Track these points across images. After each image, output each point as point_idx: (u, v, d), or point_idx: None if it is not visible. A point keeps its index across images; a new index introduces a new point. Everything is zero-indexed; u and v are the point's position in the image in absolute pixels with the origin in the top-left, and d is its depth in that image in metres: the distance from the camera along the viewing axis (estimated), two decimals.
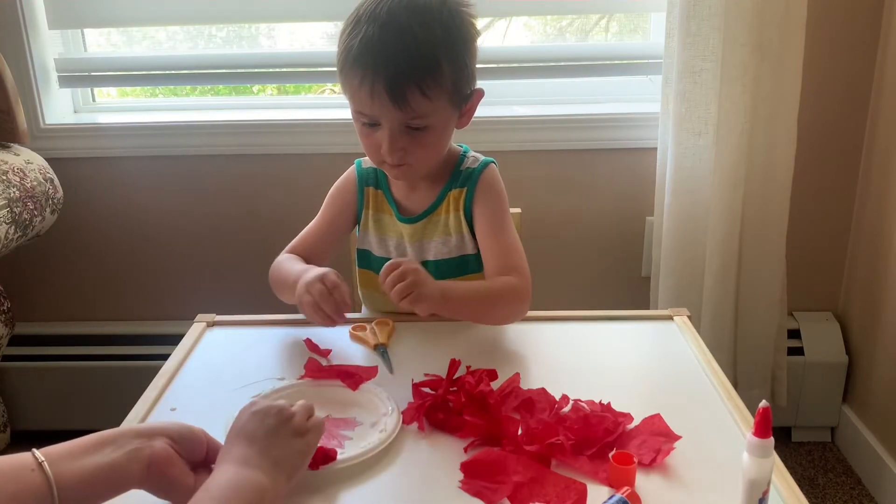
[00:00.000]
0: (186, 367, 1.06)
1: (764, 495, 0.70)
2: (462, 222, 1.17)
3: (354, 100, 1.06)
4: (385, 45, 1.00)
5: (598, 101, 1.91)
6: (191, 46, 2.00)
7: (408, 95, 1.01)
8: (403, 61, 1.01)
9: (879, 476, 1.76)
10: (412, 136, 1.06)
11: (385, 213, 1.21)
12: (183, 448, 0.74)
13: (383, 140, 1.06)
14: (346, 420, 0.91)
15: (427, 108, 1.04)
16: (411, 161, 1.09)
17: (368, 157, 1.15)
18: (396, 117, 1.04)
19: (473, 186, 1.16)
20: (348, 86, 1.06)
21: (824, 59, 1.74)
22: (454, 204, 1.17)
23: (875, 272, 1.78)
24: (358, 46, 1.02)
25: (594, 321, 1.18)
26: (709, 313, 1.75)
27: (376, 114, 1.05)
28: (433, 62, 1.02)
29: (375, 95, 1.02)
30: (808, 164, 1.78)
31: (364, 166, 1.23)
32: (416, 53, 1.01)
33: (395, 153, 1.07)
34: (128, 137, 1.86)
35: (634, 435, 0.87)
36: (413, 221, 1.19)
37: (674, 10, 1.63)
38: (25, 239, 1.58)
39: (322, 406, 0.94)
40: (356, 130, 1.12)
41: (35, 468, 0.66)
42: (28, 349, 1.94)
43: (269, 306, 1.23)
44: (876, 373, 1.80)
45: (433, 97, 1.03)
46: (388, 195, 1.21)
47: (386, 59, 1.00)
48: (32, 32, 1.79)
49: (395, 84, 1.01)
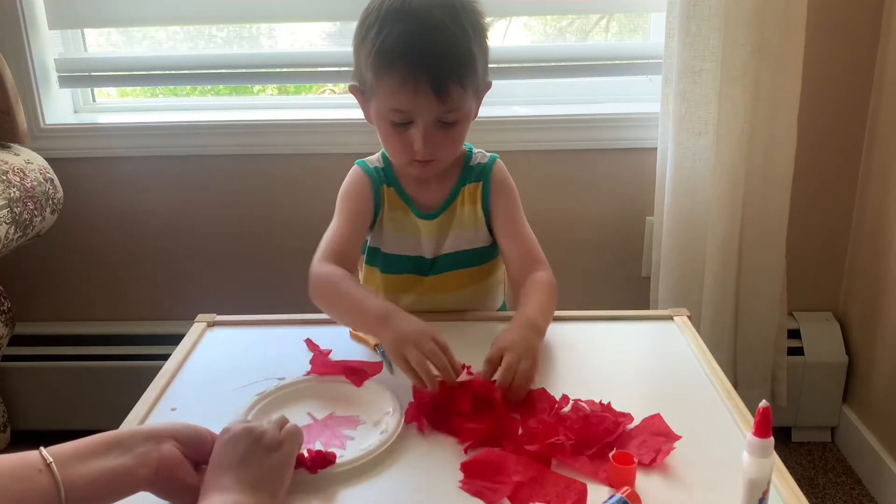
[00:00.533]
0: (187, 367, 1.07)
1: (764, 495, 0.70)
2: (479, 216, 1.20)
3: (394, 98, 1.06)
4: (426, 42, 1.03)
5: (598, 101, 1.91)
6: (191, 46, 2.00)
7: (450, 89, 1.04)
8: (445, 56, 1.03)
9: (879, 476, 1.76)
10: (444, 131, 1.09)
11: (400, 210, 1.21)
12: (189, 449, 0.75)
13: (416, 137, 1.07)
14: (349, 418, 0.91)
15: (463, 99, 1.07)
16: (441, 156, 1.12)
17: (393, 156, 1.16)
18: (435, 112, 1.06)
19: (488, 181, 1.20)
20: (386, 84, 1.05)
21: (824, 59, 1.74)
22: (470, 198, 1.20)
23: (875, 272, 1.78)
24: (397, 45, 1.03)
25: (594, 321, 1.18)
26: (709, 313, 1.75)
27: (416, 109, 1.06)
28: (469, 54, 1.06)
29: (420, 91, 1.03)
30: (808, 164, 1.78)
31: (371, 166, 1.22)
32: (455, 48, 1.04)
33: (429, 148, 1.08)
34: (128, 137, 1.86)
35: (634, 435, 0.87)
36: (432, 217, 1.20)
37: (674, 10, 1.64)
38: (25, 239, 1.58)
39: (326, 403, 0.95)
40: (380, 131, 1.12)
41: (43, 469, 0.66)
42: (28, 349, 1.94)
43: (270, 306, 1.23)
44: (876, 373, 1.80)
45: (468, 88, 1.07)
46: (401, 192, 1.21)
47: (429, 55, 1.03)
48: (32, 32, 1.79)
49: (439, 79, 1.03)
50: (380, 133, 1.13)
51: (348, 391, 0.96)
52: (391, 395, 0.93)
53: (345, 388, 0.97)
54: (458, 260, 1.20)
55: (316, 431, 0.90)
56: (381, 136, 1.13)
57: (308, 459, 0.81)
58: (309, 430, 0.89)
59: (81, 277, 1.97)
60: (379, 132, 1.13)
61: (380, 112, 1.09)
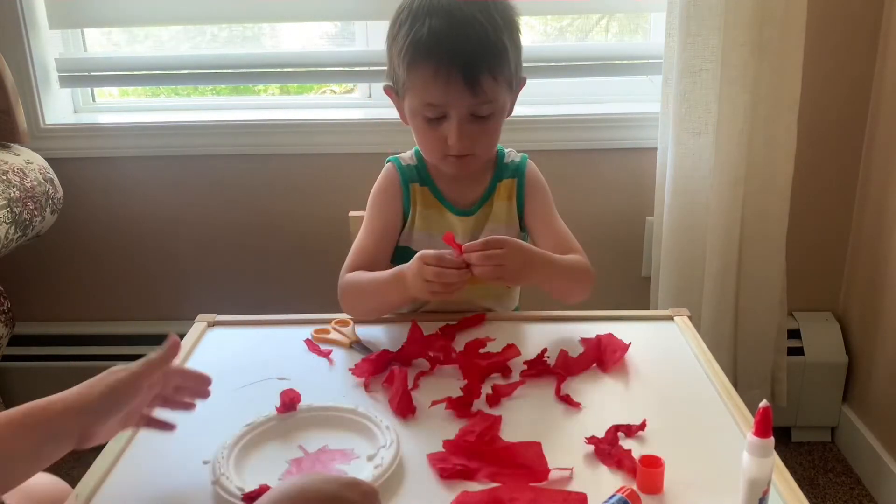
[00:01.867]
0: (187, 366, 1.06)
1: (764, 495, 0.70)
2: (514, 212, 1.22)
3: (426, 91, 1.07)
4: (456, 35, 1.04)
5: (598, 101, 1.91)
6: (192, 46, 2.00)
7: (481, 80, 1.05)
8: (476, 48, 1.05)
9: (879, 476, 1.76)
10: (478, 125, 1.10)
11: (433, 208, 1.21)
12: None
13: (450, 131, 1.08)
14: (343, 452, 0.87)
15: (495, 92, 1.08)
16: (476, 150, 1.13)
17: (428, 154, 1.17)
18: (467, 104, 1.07)
19: (523, 178, 1.23)
20: (418, 78, 1.07)
21: (824, 59, 1.74)
22: (507, 193, 1.22)
23: (875, 272, 1.78)
24: (427, 38, 1.04)
25: (594, 321, 1.18)
26: (709, 313, 1.75)
27: (448, 102, 1.07)
28: (501, 46, 1.07)
29: (451, 83, 1.04)
30: (808, 164, 1.78)
31: (403, 163, 1.23)
32: (485, 40, 1.05)
33: (463, 142, 1.09)
34: (128, 137, 1.86)
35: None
36: (470, 213, 1.21)
37: (674, 10, 1.64)
38: (25, 239, 1.58)
39: (320, 434, 0.89)
40: (414, 129, 1.14)
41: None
42: (28, 349, 1.94)
43: (270, 306, 1.23)
44: (876, 373, 1.80)
45: (501, 81, 1.08)
46: (435, 191, 1.21)
47: (460, 48, 1.04)
48: (32, 32, 1.79)
49: (470, 70, 1.04)
50: (414, 131, 1.14)
51: (343, 422, 0.91)
52: (388, 426, 0.88)
53: (339, 418, 0.91)
54: None
55: (307, 466, 0.84)
56: (416, 134, 1.14)
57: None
58: (300, 464, 0.84)
59: (81, 277, 1.97)
60: (413, 130, 1.14)
61: (413, 108, 1.10)
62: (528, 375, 1.01)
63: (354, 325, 1.15)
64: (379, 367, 1.02)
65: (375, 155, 1.36)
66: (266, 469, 0.83)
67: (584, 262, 1.20)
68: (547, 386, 0.99)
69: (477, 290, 1.22)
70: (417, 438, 0.88)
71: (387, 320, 1.19)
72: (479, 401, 0.95)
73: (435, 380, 1.01)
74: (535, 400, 0.97)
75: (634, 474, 0.80)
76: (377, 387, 0.99)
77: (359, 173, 1.41)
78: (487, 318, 1.17)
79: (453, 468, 0.82)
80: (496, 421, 0.89)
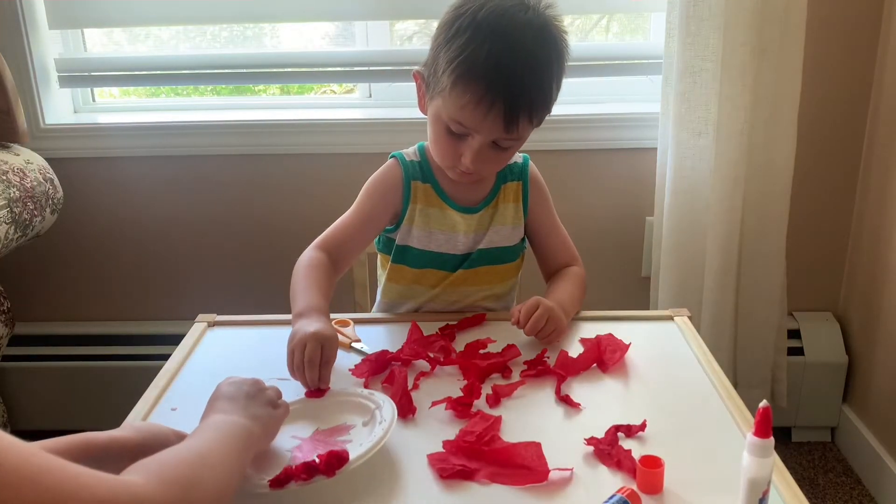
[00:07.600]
0: (187, 367, 1.06)
1: (764, 495, 0.70)
2: (520, 213, 1.23)
3: (463, 111, 1.03)
4: (511, 72, 1.01)
5: (598, 101, 1.91)
6: (193, 46, 2.00)
7: (520, 120, 1.04)
8: (527, 90, 1.03)
9: (879, 476, 1.76)
10: (495, 152, 1.09)
11: (435, 206, 1.20)
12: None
13: (467, 151, 1.07)
14: (337, 428, 0.88)
15: (527, 131, 1.09)
16: (484, 172, 1.13)
17: (438, 157, 1.14)
18: (496, 135, 1.06)
19: (527, 180, 1.23)
20: (460, 97, 1.02)
21: (824, 59, 1.74)
22: (512, 195, 1.22)
23: (875, 272, 1.78)
24: (484, 63, 1.00)
25: (594, 321, 1.18)
26: (709, 313, 1.75)
27: (479, 129, 1.05)
28: (548, 93, 1.07)
29: (491, 115, 1.02)
30: (808, 163, 1.78)
31: (408, 159, 1.21)
32: (538, 84, 1.04)
33: (477, 165, 1.09)
34: (128, 137, 1.86)
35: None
36: (473, 212, 1.20)
37: (674, 11, 1.64)
38: (25, 239, 1.58)
39: (308, 422, 0.90)
40: (432, 130, 1.11)
41: None
42: (28, 349, 1.94)
43: (270, 306, 1.23)
44: (876, 373, 1.80)
45: (535, 123, 1.08)
46: (438, 189, 1.20)
47: (511, 86, 1.01)
48: (32, 32, 1.79)
49: (512, 109, 1.02)
50: (431, 131, 1.12)
51: (327, 404, 0.92)
52: (369, 392, 0.92)
53: (322, 402, 0.93)
54: (492, 256, 1.21)
55: (308, 449, 0.84)
56: (432, 135, 1.12)
57: (321, 464, 0.76)
58: (300, 449, 0.84)
59: (81, 277, 1.97)
60: (430, 129, 1.12)
61: (439, 115, 1.07)
62: (528, 376, 1.01)
63: (354, 325, 1.15)
64: (379, 368, 1.02)
65: (375, 155, 1.36)
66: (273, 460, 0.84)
67: (582, 274, 1.25)
68: (547, 386, 0.99)
69: (477, 290, 1.23)
70: (417, 438, 0.88)
71: (387, 320, 1.19)
72: (479, 401, 0.95)
73: (435, 380, 1.01)
74: (535, 400, 0.97)
75: (634, 474, 0.80)
76: (377, 387, 0.99)
77: (359, 173, 1.40)
78: (487, 318, 1.18)
79: (453, 468, 0.82)
80: (496, 421, 0.89)
